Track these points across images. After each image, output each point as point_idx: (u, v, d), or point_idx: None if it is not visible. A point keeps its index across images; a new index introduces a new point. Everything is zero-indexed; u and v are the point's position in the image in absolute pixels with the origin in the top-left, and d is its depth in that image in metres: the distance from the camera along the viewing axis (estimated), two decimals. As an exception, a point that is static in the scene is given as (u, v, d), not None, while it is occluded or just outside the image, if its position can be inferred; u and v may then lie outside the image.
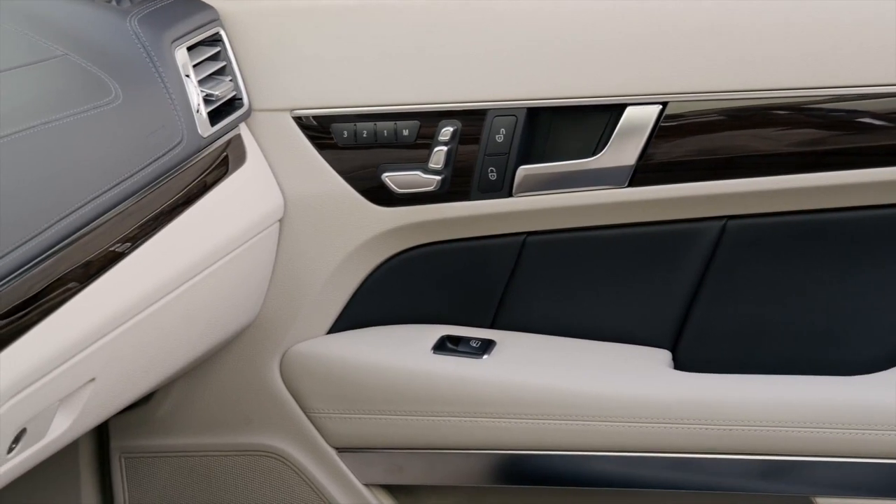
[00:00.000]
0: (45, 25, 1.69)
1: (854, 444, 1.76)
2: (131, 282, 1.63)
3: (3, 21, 1.66)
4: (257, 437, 2.01)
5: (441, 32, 1.85)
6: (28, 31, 1.67)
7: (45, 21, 1.70)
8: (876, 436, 1.76)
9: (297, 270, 1.94)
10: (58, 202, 1.50)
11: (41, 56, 1.65)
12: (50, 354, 1.49)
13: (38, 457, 1.58)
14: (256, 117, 1.91)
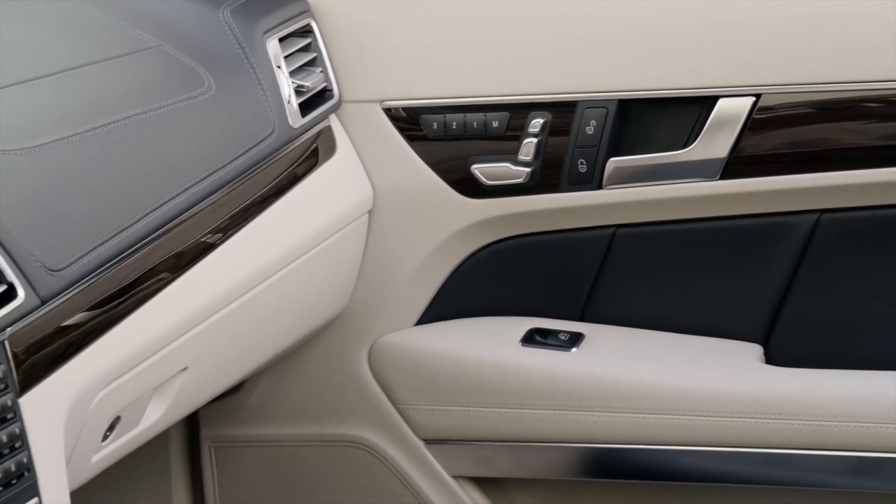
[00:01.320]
0: (140, 17, 1.71)
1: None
2: (223, 272, 1.64)
3: (99, 12, 1.68)
4: (345, 427, 2.02)
5: (532, 23, 1.85)
6: (123, 22, 1.69)
7: (139, 12, 1.71)
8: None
9: (385, 262, 1.95)
10: (152, 192, 1.52)
11: (136, 47, 1.66)
12: (144, 344, 1.50)
13: (132, 445, 1.59)
14: (346, 109, 1.92)
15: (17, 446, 1.23)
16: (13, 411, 1.24)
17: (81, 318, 1.39)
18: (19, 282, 1.28)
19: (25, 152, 1.39)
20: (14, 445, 1.23)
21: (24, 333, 1.29)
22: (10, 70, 1.49)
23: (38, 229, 1.33)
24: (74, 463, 1.41)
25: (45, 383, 1.32)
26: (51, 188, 1.39)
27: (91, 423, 1.43)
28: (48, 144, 1.42)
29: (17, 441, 1.24)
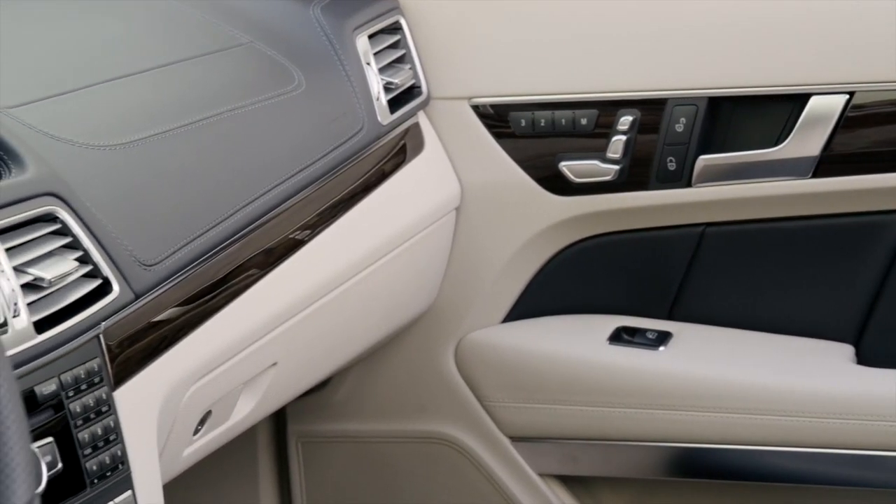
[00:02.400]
0: (232, 14, 1.72)
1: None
2: (311, 268, 1.65)
3: (192, 10, 1.69)
4: (432, 424, 2.02)
5: (621, 20, 1.84)
6: (215, 19, 1.70)
7: (231, 9, 1.72)
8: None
9: (473, 259, 1.95)
10: (243, 188, 1.53)
11: (228, 44, 1.67)
12: (234, 338, 1.51)
13: (222, 439, 1.60)
14: (435, 105, 1.92)
15: (111, 439, 1.25)
16: (108, 404, 1.25)
17: (174, 313, 1.40)
18: (114, 276, 1.29)
19: (120, 148, 1.40)
20: (109, 438, 1.24)
21: (119, 328, 1.30)
22: (106, 67, 1.50)
23: (132, 224, 1.34)
24: (166, 456, 1.42)
25: (138, 377, 1.33)
26: (145, 184, 1.40)
27: (183, 417, 1.45)
28: (142, 140, 1.43)
29: (112, 434, 1.25)
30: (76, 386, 1.22)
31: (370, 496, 2.09)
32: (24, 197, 1.21)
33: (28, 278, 1.19)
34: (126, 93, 1.49)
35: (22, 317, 1.16)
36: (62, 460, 1.19)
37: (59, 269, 1.22)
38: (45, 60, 1.47)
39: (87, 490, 1.21)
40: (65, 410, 1.20)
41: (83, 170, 1.33)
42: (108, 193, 1.34)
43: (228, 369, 1.51)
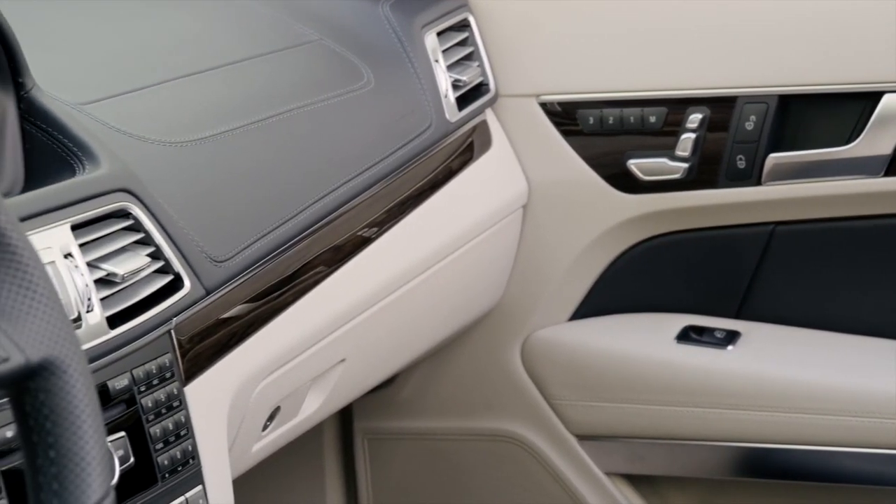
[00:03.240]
0: (301, 10, 1.72)
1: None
2: (379, 266, 1.65)
3: (263, 7, 1.70)
4: (497, 422, 2.02)
5: (690, 17, 1.83)
6: (285, 15, 1.70)
7: (301, 7, 1.73)
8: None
9: (539, 256, 1.94)
10: (312, 185, 1.53)
11: (297, 41, 1.68)
12: (303, 335, 1.52)
13: (290, 435, 1.61)
14: (502, 103, 1.92)
15: (182, 434, 1.25)
16: (179, 400, 1.26)
17: (244, 309, 1.41)
18: (185, 272, 1.29)
19: (191, 145, 1.41)
20: (180, 433, 1.25)
21: (189, 323, 1.31)
22: (178, 63, 1.51)
23: (203, 221, 1.34)
24: (235, 452, 1.43)
25: (208, 373, 1.34)
26: (215, 180, 1.41)
27: (252, 413, 1.45)
28: (213, 137, 1.44)
29: (183, 429, 1.25)
30: (148, 381, 1.22)
31: (435, 493, 2.09)
32: (97, 193, 1.22)
33: (101, 274, 1.20)
34: (197, 89, 1.50)
35: (95, 312, 1.17)
36: (134, 455, 1.20)
37: (131, 264, 1.23)
38: (118, 57, 1.48)
39: (159, 484, 1.22)
40: (137, 405, 1.21)
41: (155, 166, 1.34)
42: (179, 190, 1.34)
43: (297, 365, 1.51)
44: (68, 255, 1.16)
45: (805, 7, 1.78)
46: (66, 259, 1.16)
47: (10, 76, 1.22)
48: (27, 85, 1.23)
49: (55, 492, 0.87)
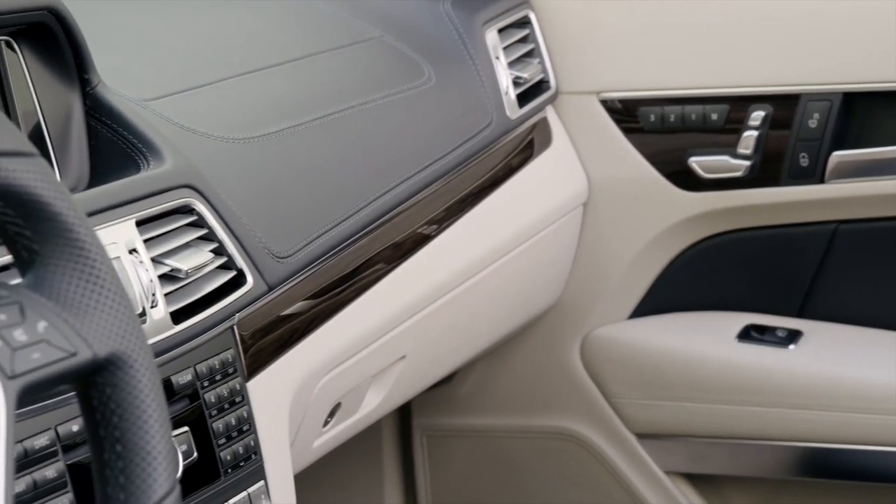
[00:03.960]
0: (363, 7, 1.72)
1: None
2: (439, 263, 1.65)
3: (324, 4, 1.70)
4: (556, 420, 2.01)
5: (754, 14, 1.82)
6: (346, 12, 1.70)
7: (362, 4, 1.73)
8: None
9: (599, 254, 1.94)
10: (373, 181, 1.53)
11: (359, 38, 1.68)
12: (364, 331, 1.52)
13: (350, 431, 1.61)
14: (563, 100, 1.91)
15: (244, 429, 1.25)
16: (241, 395, 1.26)
17: (305, 306, 1.41)
18: (248, 268, 1.29)
19: (254, 141, 1.41)
20: (242, 428, 1.25)
21: (252, 319, 1.31)
22: (240, 60, 1.52)
23: (265, 217, 1.35)
24: (297, 447, 1.43)
25: (270, 368, 1.34)
26: (278, 176, 1.41)
27: (313, 409, 1.45)
28: (275, 133, 1.44)
29: (245, 424, 1.26)
30: (211, 376, 1.23)
31: (494, 490, 2.09)
32: (162, 189, 1.22)
33: (165, 269, 1.20)
34: (260, 86, 1.50)
35: (159, 307, 1.18)
36: (197, 450, 1.20)
37: (195, 260, 1.23)
38: (181, 54, 1.49)
39: (221, 479, 1.22)
40: (200, 400, 1.21)
41: (218, 162, 1.34)
42: (242, 186, 1.35)
43: (358, 362, 1.51)
44: (133, 251, 1.17)
45: (870, 4, 1.76)
46: (131, 255, 1.16)
47: (77, 73, 1.23)
48: (93, 81, 1.24)
49: (122, 486, 0.88)
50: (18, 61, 1.19)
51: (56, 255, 0.87)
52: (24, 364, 0.82)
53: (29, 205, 0.85)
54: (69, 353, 0.85)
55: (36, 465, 1.04)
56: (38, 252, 0.86)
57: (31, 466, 1.03)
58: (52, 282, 0.87)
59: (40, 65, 1.21)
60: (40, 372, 0.83)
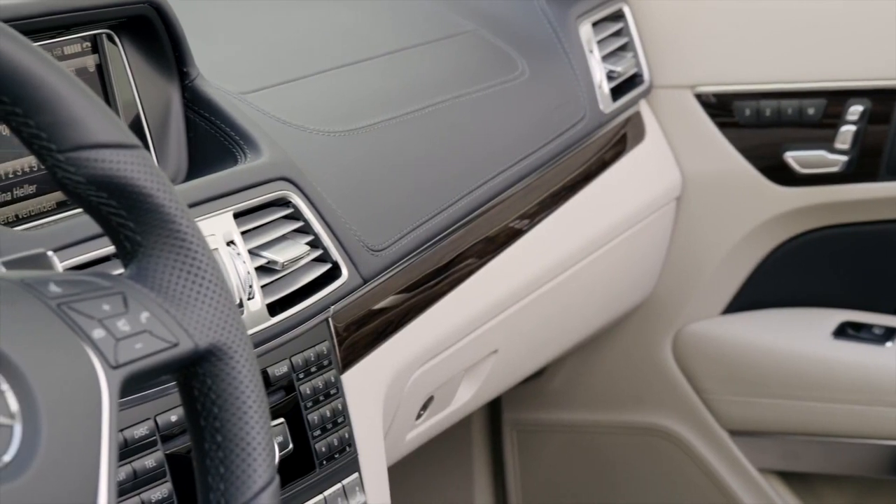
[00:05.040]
0: (458, 2, 1.72)
1: None
2: (531, 257, 1.64)
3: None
4: (647, 415, 2.00)
5: (852, 8, 1.79)
6: (441, 6, 1.70)
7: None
8: None
9: (693, 249, 1.92)
10: (467, 175, 1.53)
11: (453, 31, 1.68)
12: (456, 325, 1.52)
13: (442, 425, 1.61)
14: (657, 94, 1.90)
15: (339, 422, 1.26)
16: (336, 387, 1.26)
17: (398, 299, 1.41)
18: (343, 261, 1.30)
19: (349, 134, 1.42)
20: (337, 420, 1.26)
21: (346, 312, 1.31)
22: (335, 54, 1.52)
23: (360, 210, 1.35)
24: (390, 440, 1.43)
25: (364, 361, 1.34)
26: (372, 170, 1.42)
27: (407, 402, 1.46)
28: (370, 126, 1.44)
29: (340, 416, 1.26)
30: (306, 368, 1.23)
31: (584, 485, 2.08)
32: (259, 181, 1.23)
33: (262, 261, 1.21)
34: (355, 79, 1.51)
35: (256, 299, 1.18)
36: (292, 441, 1.20)
37: (291, 252, 1.23)
38: (278, 47, 1.50)
39: (316, 471, 1.23)
40: (295, 392, 1.22)
41: (314, 155, 1.35)
42: (337, 179, 1.35)
43: (451, 355, 1.51)
44: (230, 243, 1.17)
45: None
46: (229, 246, 1.17)
47: (176, 66, 1.24)
48: (192, 74, 1.25)
49: (222, 476, 0.88)
50: (119, 54, 1.20)
51: (158, 247, 0.87)
52: (127, 354, 0.83)
53: (132, 196, 0.85)
54: (171, 344, 0.86)
55: (136, 455, 1.05)
56: (141, 243, 0.87)
57: (131, 456, 1.04)
58: (155, 273, 0.87)
59: (140, 58, 1.22)
60: (143, 362, 0.84)
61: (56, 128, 0.82)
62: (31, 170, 1.13)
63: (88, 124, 0.83)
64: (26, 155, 1.13)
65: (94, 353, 0.81)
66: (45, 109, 0.82)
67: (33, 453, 0.75)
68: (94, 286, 0.84)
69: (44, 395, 0.77)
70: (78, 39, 1.17)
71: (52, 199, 1.15)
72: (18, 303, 0.79)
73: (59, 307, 0.81)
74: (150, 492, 1.05)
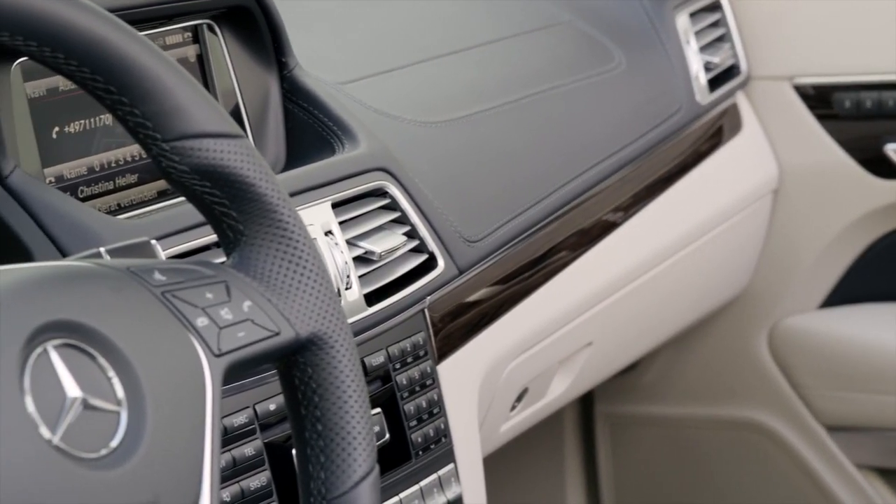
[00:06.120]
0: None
1: None
2: (626, 250, 1.64)
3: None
4: (742, 410, 1.98)
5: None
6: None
7: (553, -13, 1.73)
8: None
9: (790, 242, 1.90)
10: (562, 166, 1.52)
11: (549, 21, 1.68)
12: (551, 317, 1.51)
13: (536, 417, 1.61)
14: (754, 85, 1.88)
15: (435, 412, 1.26)
16: (432, 378, 1.26)
17: (493, 290, 1.41)
18: (439, 252, 1.30)
19: (445, 125, 1.41)
20: (433, 411, 1.25)
21: (442, 303, 1.31)
22: (431, 44, 1.52)
23: (456, 201, 1.35)
24: (485, 431, 1.43)
25: (460, 352, 1.34)
26: (468, 160, 1.41)
27: (501, 393, 1.45)
28: (467, 117, 1.44)
29: (436, 407, 1.26)
30: (402, 359, 1.23)
31: (677, 479, 2.07)
32: (356, 171, 1.23)
33: (359, 251, 1.21)
34: (451, 70, 1.51)
35: (354, 289, 1.18)
36: (389, 431, 1.21)
37: (388, 243, 1.24)
38: (374, 37, 1.50)
39: (412, 461, 1.23)
40: (392, 382, 1.22)
41: (411, 145, 1.35)
42: (434, 169, 1.35)
43: (545, 347, 1.51)
44: (328, 233, 1.18)
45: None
46: (327, 236, 1.17)
47: (275, 56, 1.24)
48: (290, 64, 1.25)
49: (322, 465, 0.89)
50: (219, 44, 1.21)
51: (261, 236, 0.88)
52: (230, 342, 0.84)
53: (235, 185, 0.86)
54: (272, 333, 0.86)
55: (235, 443, 1.05)
56: (244, 232, 0.88)
57: (231, 444, 1.05)
58: (257, 262, 0.88)
59: (240, 48, 1.22)
60: (245, 350, 0.85)
61: (161, 117, 0.83)
62: (132, 159, 1.14)
63: (193, 114, 0.84)
64: (128, 144, 1.14)
65: (197, 342, 0.82)
66: (152, 99, 0.82)
67: (139, 439, 0.76)
68: (198, 275, 0.85)
69: (149, 383, 0.78)
70: (179, 30, 1.18)
71: (154, 188, 1.16)
72: (124, 290, 0.80)
73: (163, 295, 0.82)
74: (249, 480, 1.06)
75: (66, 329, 0.76)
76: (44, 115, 1.08)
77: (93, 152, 1.12)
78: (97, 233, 1.01)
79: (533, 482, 2.12)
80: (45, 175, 1.08)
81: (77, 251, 0.90)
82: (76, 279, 0.79)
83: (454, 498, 1.26)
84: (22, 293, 0.76)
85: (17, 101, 1.05)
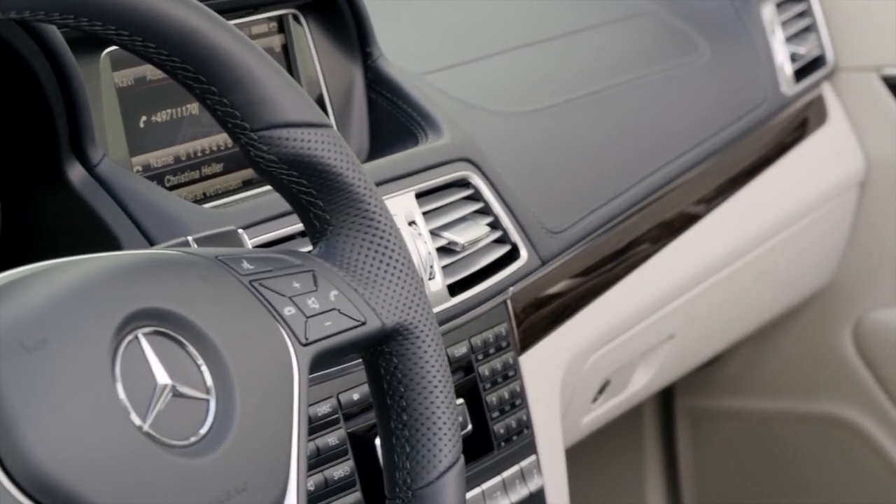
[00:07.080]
0: (637, -18, 1.71)
1: None
2: (708, 243, 1.62)
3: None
4: (827, 405, 1.96)
5: None
6: (621, -14, 1.69)
7: (636, -23, 1.71)
8: None
9: (876, 235, 1.88)
10: (645, 158, 1.51)
11: (632, 12, 1.67)
12: (633, 309, 1.51)
13: (618, 409, 1.60)
14: (840, 76, 1.86)
15: (517, 403, 1.25)
16: (514, 369, 1.26)
17: (576, 282, 1.40)
18: (522, 243, 1.29)
19: (528, 115, 1.41)
20: (515, 402, 1.25)
21: (524, 294, 1.31)
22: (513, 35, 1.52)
23: (539, 192, 1.34)
24: (566, 423, 1.42)
25: (542, 343, 1.34)
26: (551, 150, 1.41)
27: (583, 385, 1.45)
28: (549, 108, 1.44)
29: (518, 398, 1.26)
30: (485, 349, 1.23)
31: (759, 474, 2.05)
32: (440, 162, 1.23)
33: (442, 242, 1.21)
34: (533, 60, 1.50)
35: (437, 280, 1.18)
36: (471, 422, 1.21)
37: (471, 233, 1.23)
38: (457, 27, 1.50)
39: (495, 452, 1.22)
40: (474, 373, 1.22)
41: (493, 136, 1.34)
42: (516, 160, 1.35)
43: (628, 339, 1.50)
44: (412, 223, 1.18)
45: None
46: (411, 227, 1.17)
47: (359, 46, 1.24)
48: (374, 55, 1.25)
49: (407, 455, 0.89)
50: (304, 35, 1.21)
51: (347, 226, 0.88)
52: (317, 332, 0.84)
53: (322, 175, 0.86)
54: (359, 322, 0.86)
55: (319, 432, 1.06)
56: (330, 222, 0.88)
57: (315, 433, 1.05)
58: (343, 251, 0.88)
59: (325, 38, 1.23)
60: (331, 340, 0.85)
61: (250, 107, 0.83)
62: (218, 148, 1.15)
63: (281, 103, 0.84)
64: (214, 134, 1.15)
65: (285, 330, 0.82)
66: (240, 88, 0.83)
67: (228, 427, 0.76)
68: (285, 264, 0.85)
69: (237, 371, 0.78)
70: (265, 20, 1.19)
71: (239, 177, 1.16)
72: (213, 279, 0.80)
73: (251, 284, 0.82)
74: (333, 469, 1.06)
75: (156, 317, 0.76)
76: (131, 104, 1.09)
77: (179, 141, 1.12)
78: (184, 221, 1.02)
79: (612, 476, 2.11)
80: (133, 164, 1.09)
81: (164, 240, 0.91)
82: (165, 267, 0.80)
83: (536, 490, 1.25)
84: (112, 282, 0.76)
85: (105, 90, 1.06)
